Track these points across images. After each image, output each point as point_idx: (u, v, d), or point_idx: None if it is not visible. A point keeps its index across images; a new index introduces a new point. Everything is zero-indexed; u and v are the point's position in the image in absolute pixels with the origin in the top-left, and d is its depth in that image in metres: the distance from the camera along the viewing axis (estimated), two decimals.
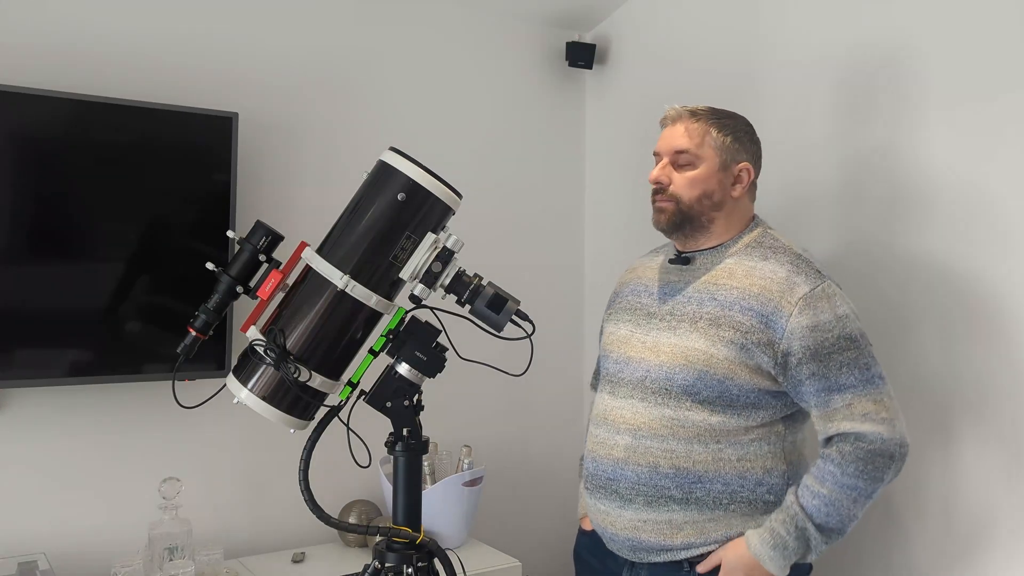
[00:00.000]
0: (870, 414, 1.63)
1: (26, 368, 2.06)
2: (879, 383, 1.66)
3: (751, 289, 1.69)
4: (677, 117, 1.79)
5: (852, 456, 1.62)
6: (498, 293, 1.58)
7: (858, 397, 1.64)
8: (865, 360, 1.65)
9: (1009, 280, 1.86)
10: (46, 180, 2.08)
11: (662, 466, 1.70)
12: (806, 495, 1.65)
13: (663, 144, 1.80)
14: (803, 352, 1.64)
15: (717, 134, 1.75)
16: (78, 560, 2.19)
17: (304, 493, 1.56)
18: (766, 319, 1.66)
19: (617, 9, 2.92)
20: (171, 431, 2.32)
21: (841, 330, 1.65)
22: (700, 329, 1.71)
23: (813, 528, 1.64)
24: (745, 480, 1.70)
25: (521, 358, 1.73)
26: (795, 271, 1.69)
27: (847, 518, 1.64)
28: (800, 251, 1.75)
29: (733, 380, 1.68)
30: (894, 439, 1.64)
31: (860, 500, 1.64)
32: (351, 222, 1.56)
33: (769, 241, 1.76)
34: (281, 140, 2.50)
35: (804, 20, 2.30)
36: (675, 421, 1.70)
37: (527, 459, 2.91)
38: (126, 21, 2.27)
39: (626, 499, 1.74)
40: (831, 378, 1.65)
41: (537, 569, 2.67)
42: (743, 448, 1.70)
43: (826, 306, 1.66)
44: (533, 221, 2.95)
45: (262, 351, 1.52)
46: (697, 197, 1.75)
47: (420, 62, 2.73)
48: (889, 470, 1.64)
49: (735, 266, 1.74)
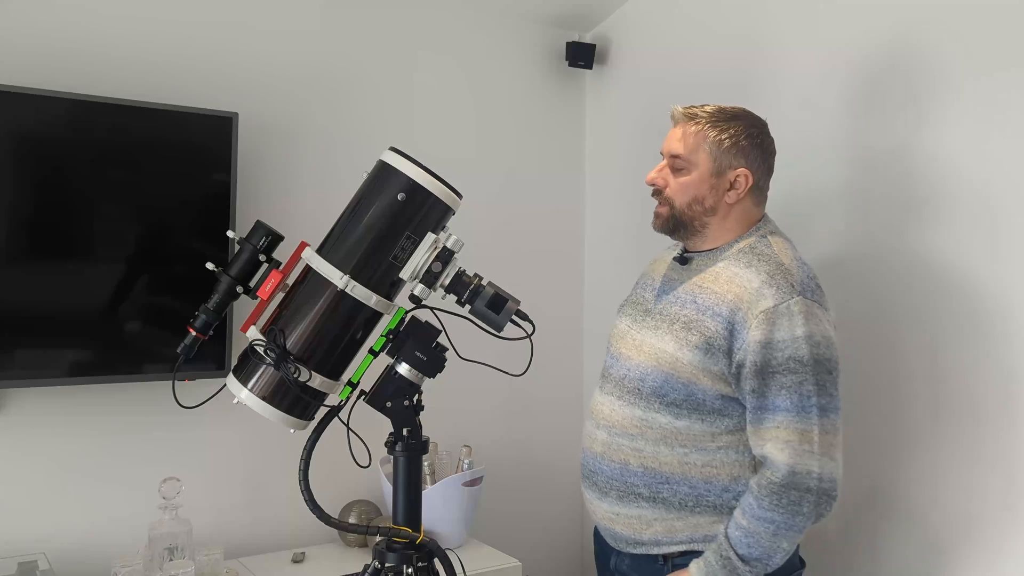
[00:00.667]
0: (792, 443, 1.58)
1: (26, 368, 2.06)
2: (813, 413, 1.58)
3: (726, 296, 1.67)
4: (679, 119, 1.78)
5: (767, 490, 1.59)
6: (498, 293, 1.58)
7: (787, 422, 1.59)
8: (808, 388, 1.59)
9: (1017, 285, 1.84)
10: (46, 180, 2.07)
11: (632, 464, 1.73)
12: (732, 526, 1.64)
13: (665, 145, 1.79)
14: (751, 367, 1.61)
15: (714, 139, 1.72)
16: (78, 560, 2.19)
17: (304, 493, 1.56)
18: (732, 327, 1.64)
19: (617, 9, 2.92)
20: (171, 431, 2.32)
21: (793, 351, 1.59)
22: (673, 331, 1.71)
23: (736, 558, 1.61)
24: (711, 485, 1.69)
25: (521, 358, 1.73)
26: (768, 282, 1.64)
27: (770, 550, 1.60)
28: (788, 261, 1.69)
29: (697, 384, 1.67)
30: (811, 473, 1.57)
31: (780, 533, 1.59)
32: (351, 222, 1.56)
33: (761, 248, 1.72)
34: (281, 140, 2.50)
35: (805, 19, 2.30)
36: (643, 422, 1.72)
37: (527, 459, 2.90)
38: (126, 21, 2.27)
39: (603, 491, 1.77)
40: (768, 397, 1.61)
41: (537, 569, 2.67)
42: (709, 455, 1.69)
43: (785, 323, 1.60)
44: (533, 221, 2.95)
45: (262, 351, 1.52)
46: (688, 203, 1.75)
47: (420, 62, 2.73)
48: (807, 504, 1.58)
49: (722, 271, 1.71)
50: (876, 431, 2.10)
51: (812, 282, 1.68)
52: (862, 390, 2.10)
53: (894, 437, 2.07)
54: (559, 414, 3.00)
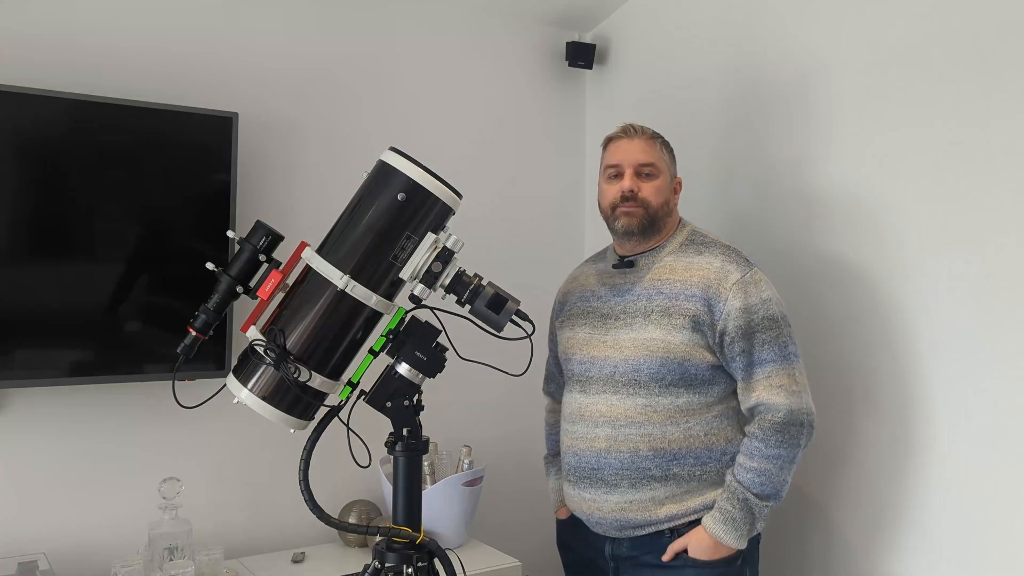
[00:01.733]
0: (785, 386, 1.85)
1: (26, 368, 2.06)
2: (793, 360, 1.88)
3: (691, 280, 1.91)
4: (635, 133, 2.01)
5: (771, 430, 1.83)
6: (498, 293, 1.58)
7: (776, 371, 1.86)
8: (783, 339, 1.88)
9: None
10: (46, 180, 2.07)
11: (642, 450, 1.88)
12: (740, 471, 1.86)
13: (626, 156, 1.99)
14: (736, 331, 1.86)
15: (663, 151, 2.02)
16: (78, 560, 2.19)
17: (304, 493, 1.56)
18: (708, 303, 1.88)
19: (617, 9, 2.92)
20: (171, 431, 2.32)
21: (765, 312, 1.87)
22: (654, 321, 1.91)
23: (753, 497, 1.83)
24: (712, 451, 1.90)
25: (521, 358, 1.73)
26: (728, 260, 1.92)
27: (779, 483, 1.85)
28: (728, 244, 1.98)
29: (690, 360, 1.88)
30: (802, 409, 1.85)
31: (786, 466, 1.85)
32: (351, 222, 1.56)
33: (699, 238, 2.00)
34: (281, 140, 2.50)
35: (796, 22, 2.30)
36: (648, 407, 1.89)
37: (527, 459, 2.90)
38: (126, 21, 2.27)
39: (612, 484, 1.91)
40: (754, 354, 1.86)
41: (537, 569, 2.67)
42: (708, 424, 1.90)
43: (754, 290, 1.88)
44: (533, 221, 2.95)
45: (262, 351, 1.52)
46: (661, 204, 1.98)
47: (420, 62, 2.73)
48: (802, 435, 1.85)
49: (674, 263, 1.96)
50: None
51: (750, 257, 1.97)
52: None
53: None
54: None
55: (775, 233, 2.37)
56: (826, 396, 2.16)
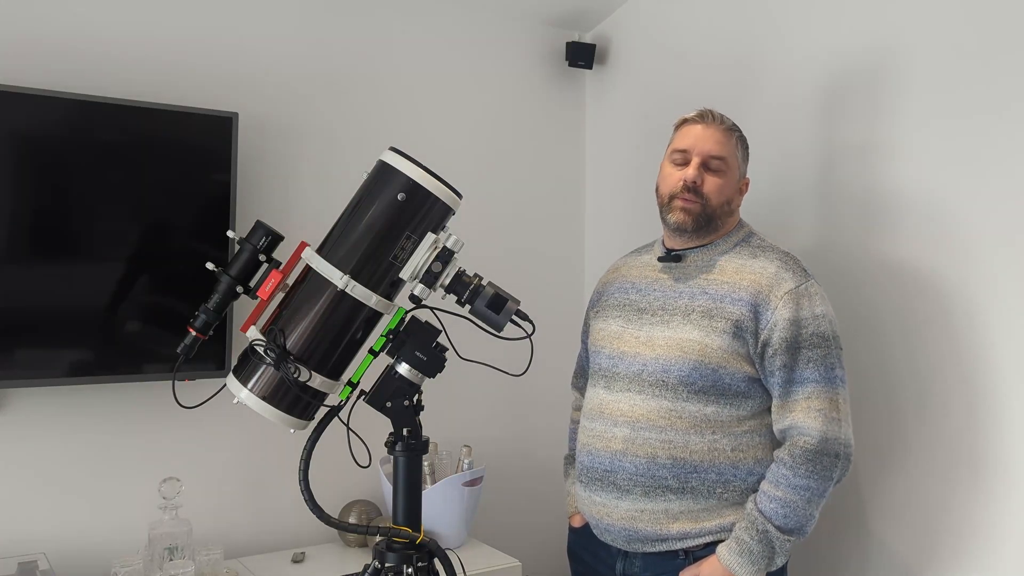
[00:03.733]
0: (824, 411, 1.70)
1: (26, 368, 2.06)
2: (839, 384, 1.73)
3: (741, 283, 1.77)
4: (712, 121, 1.85)
5: (802, 458, 1.69)
6: (498, 293, 1.58)
7: (817, 392, 1.71)
8: (831, 360, 1.73)
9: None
10: (46, 180, 2.07)
11: (660, 457, 1.75)
12: (763, 499, 1.71)
13: (697, 144, 1.83)
14: (780, 343, 1.72)
15: (738, 147, 1.87)
16: (78, 560, 2.19)
17: (304, 493, 1.56)
18: (755, 309, 1.74)
19: (617, 9, 2.92)
20: (171, 431, 2.32)
21: (816, 328, 1.73)
22: (693, 321, 1.78)
23: (774, 530, 1.69)
24: (738, 470, 1.75)
25: (521, 358, 1.73)
26: (784, 267, 1.78)
27: (805, 518, 1.70)
28: (788, 251, 1.84)
29: (726, 369, 1.74)
30: (839, 439, 1.70)
31: (814, 500, 1.70)
32: (351, 222, 1.56)
33: (756, 241, 1.86)
34: (281, 140, 2.50)
35: (796, 22, 2.30)
36: (672, 412, 1.76)
37: (527, 459, 2.90)
38: (126, 21, 2.27)
39: (624, 490, 1.78)
40: (797, 370, 1.72)
41: (537, 569, 2.67)
42: (737, 439, 1.76)
43: (807, 303, 1.74)
44: (533, 221, 2.95)
45: (262, 351, 1.52)
46: (722, 203, 1.84)
47: (420, 62, 2.73)
48: (836, 468, 1.70)
49: (726, 263, 1.82)
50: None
51: (809, 268, 1.83)
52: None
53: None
54: (559, 414, 2.99)
55: (773, 232, 2.36)
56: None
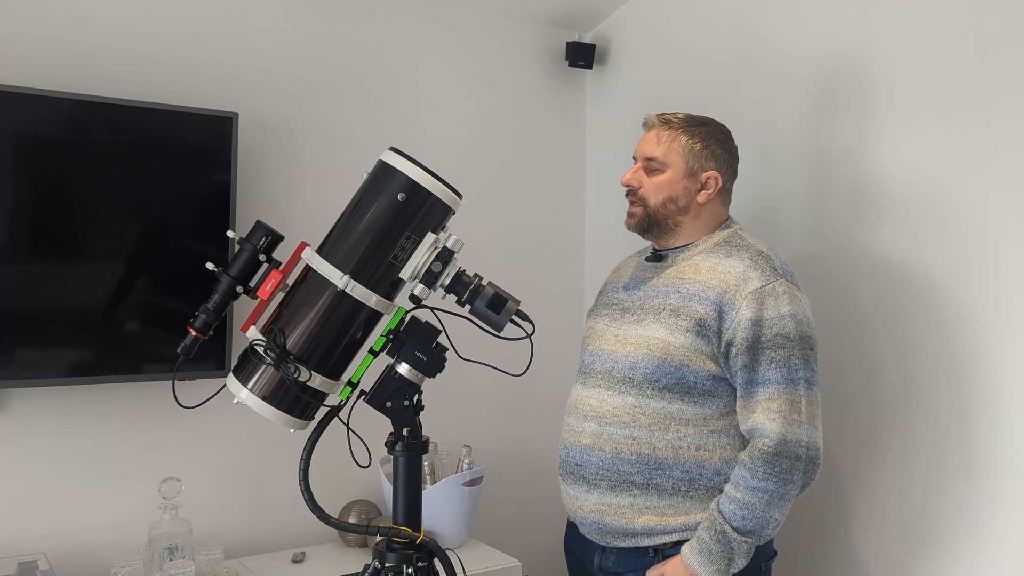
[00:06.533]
0: (783, 412, 1.68)
1: (26, 368, 2.06)
2: (800, 385, 1.70)
3: (711, 282, 1.76)
4: (652, 124, 1.88)
5: (760, 460, 1.67)
6: (498, 293, 1.58)
7: (777, 393, 1.69)
8: (795, 361, 1.70)
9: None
10: (46, 180, 2.07)
11: (624, 452, 1.77)
12: (724, 500, 1.71)
13: (638, 149, 1.90)
14: (742, 343, 1.71)
15: (686, 141, 1.83)
16: (78, 560, 2.19)
17: (304, 493, 1.56)
18: (720, 309, 1.73)
19: (617, 9, 2.92)
20: (171, 431, 2.32)
21: (780, 328, 1.70)
22: (661, 319, 1.79)
23: (732, 531, 1.68)
24: (704, 468, 1.75)
25: (521, 358, 1.73)
26: (752, 267, 1.75)
27: (763, 520, 1.68)
28: (765, 250, 1.81)
29: (689, 367, 1.74)
30: (800, 441, 1.67)
31: (773, 502, 1.67)
32: (351, 222, 1.56)
33: (736, 240, 1.83)
34: (281, 140, 2.50)
35: (796, 22, 2.30)
36: (636, 408, 1.77)
37: (527, 459, 2.90)
38: (126, 21, 2.27)
39: (592, 484, 1.81)
40: (759, 371, 1.71)
41: (537, 569, 2.67)
42: (702, 438, 1.76)
43: (772, 303, 1.71)
44: (533, 221, 2.95)
45: (262, 351, 1.52)
46: (663, 201, 1.84)
47: (420, 62, 2.73)
48: (797, 472, 1.67)
49: (701, 262, 1.82)
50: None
51: (788, 268, 1.81)
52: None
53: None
54: (559, 414, 2.99)
55: (770, 234, 2.37)
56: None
